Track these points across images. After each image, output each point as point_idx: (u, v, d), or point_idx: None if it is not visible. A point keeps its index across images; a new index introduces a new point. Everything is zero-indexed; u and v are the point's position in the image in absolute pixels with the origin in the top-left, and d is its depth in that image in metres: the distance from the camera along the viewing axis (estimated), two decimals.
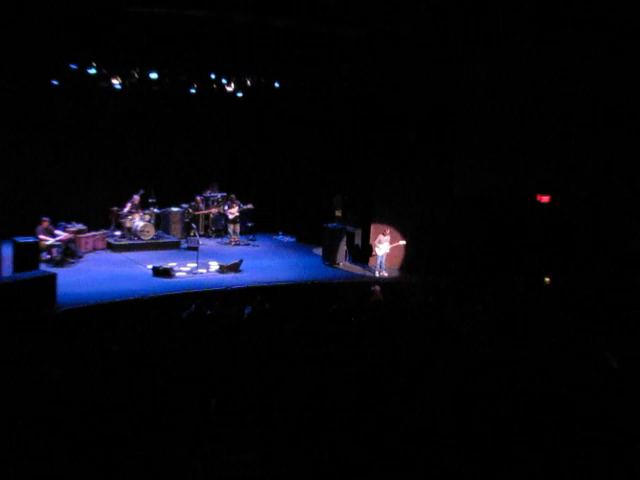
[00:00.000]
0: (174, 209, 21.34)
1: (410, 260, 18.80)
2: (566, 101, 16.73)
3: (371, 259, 19.17)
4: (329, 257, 19.37)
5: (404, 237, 18.51)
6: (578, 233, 17.15)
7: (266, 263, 19.03)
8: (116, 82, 18.36)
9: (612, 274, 16.14)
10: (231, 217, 21.28)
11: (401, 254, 18.81)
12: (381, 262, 18.31)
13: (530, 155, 17.54)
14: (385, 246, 18.22)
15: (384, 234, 18.36)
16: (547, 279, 16.91)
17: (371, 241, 19.25)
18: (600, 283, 15.79)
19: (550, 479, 6.39)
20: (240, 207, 21.27)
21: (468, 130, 18.08)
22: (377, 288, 15.06)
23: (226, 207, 21.43)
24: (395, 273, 18.74)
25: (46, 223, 17.47)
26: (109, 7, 14.52)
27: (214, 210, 21.99)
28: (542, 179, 17.85)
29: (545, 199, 17.91)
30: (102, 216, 20.45)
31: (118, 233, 20.20)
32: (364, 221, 19.92)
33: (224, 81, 19.60)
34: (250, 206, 21.53)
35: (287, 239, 22.65)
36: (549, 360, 9.89)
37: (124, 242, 19.75)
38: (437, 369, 9.19)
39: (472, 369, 9.15)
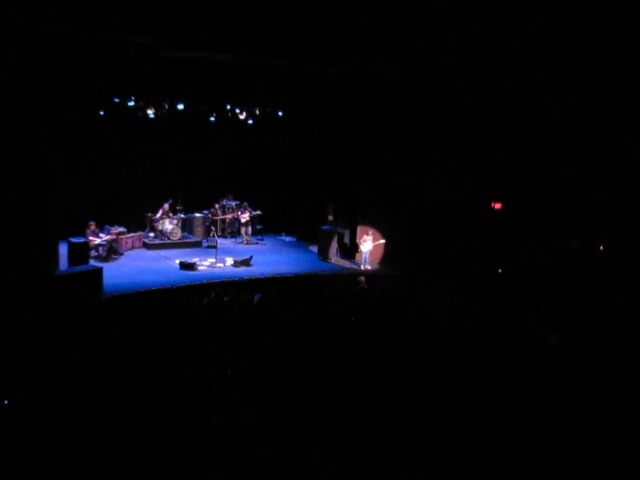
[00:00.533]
0: (197, 215, 21.41)
1: (389, 256, 18.85)
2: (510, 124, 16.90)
3: (357, 255, 19.19)
4: (323, 253, 19.42)
5: (384, 237, 18.56)
6: (525, 232, 17.26)
7: (272, 258, 19.07)
8: (150, 112, 18.46)
9: (553, 266, 16.23)
10: (243, 221, 21.32)
11: (382, 251, 18.86)
12: (365, 257, 18.37)
13: (485, 170, 17.62)
14: (368, 244, 18.30)
15: (368, 234, 18.44)
16: (500, 270, 17.00)
17: (357, 240, 19.28)
18: (544, 273, 15.86)
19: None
20: (251, 213, 21.28)
21: (435, 150, 18.14)
22: (362, 279, 15.10)
23: (239, 213, 21.44)
24: (377, 266, 18.79)
25: (93, 226, 17.56)
26: (144, 53, 14.59)
27: (229, 215, 22.02)
28: (495, 189, 17.96)
29: (498, 206, 18.02)
30: (139, 220, 20.52)
31: (152, 234, 20.30)
32: (352, 224, 19.93)
33: (237, 111, 19.72)
34: (259, 212, 21.54)
35: (289, 239, 22.60)
36: (501, 333, 10.01)
37: (157, 242, 19.87)
38: (413, 342, 9.29)
39: (440, 342, 9.27)
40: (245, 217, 21.22)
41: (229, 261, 18.02)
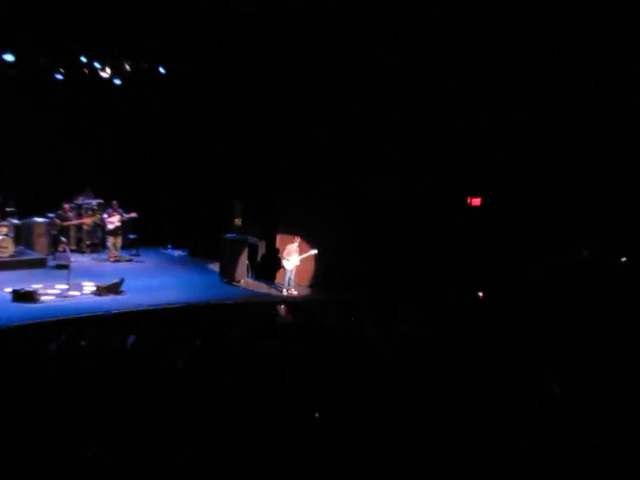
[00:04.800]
0: (38, 219, 20.88)
1: (322, 275, 18.91)
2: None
3: (278, 274, 19.22)
4: (228, 273, 19.41)
5: (315, 247, 18.58)
6: (510, 239, 17.55)
7: (153, 282, 18.96)
8: None
9: (547, 283, 16.56)
10: (111, 227, 20.91)
11: (312, 268, 18.91)
12: (290, 278, 18.40)
13: (457, 156, 17.86)
14: (294, 258, 18.32)
15: (292, 244, 18.44)
16: (480, 293, 17.22)
17: (278, 253, 19.29)
18: (535, 293, 16.18)
19: None
20: (122, 216, 20.93)
21: (381, 132, 18.34)
22: (282, 307, 15.08)
23: (105, 216, 21.04)
24: (305, 290, 18.84)
25: None
26: None
27: (88, 220, 21.59)
28: (472, 181, 18.21)
29: (476, 202, 18.27)
30: None
31: None
32: (269, 231, 19.98)
33: (98, 66, 19.39)
34: (134, 215, 21.20)
35: (178, 253, 22.66)
36: (487, 389, 10.05)
37: None
38: (358, 397, 9.28)
39: (396, 397, 9.27)
40: (113, 222, 20.85)
41: (89, 287, 17.73)
